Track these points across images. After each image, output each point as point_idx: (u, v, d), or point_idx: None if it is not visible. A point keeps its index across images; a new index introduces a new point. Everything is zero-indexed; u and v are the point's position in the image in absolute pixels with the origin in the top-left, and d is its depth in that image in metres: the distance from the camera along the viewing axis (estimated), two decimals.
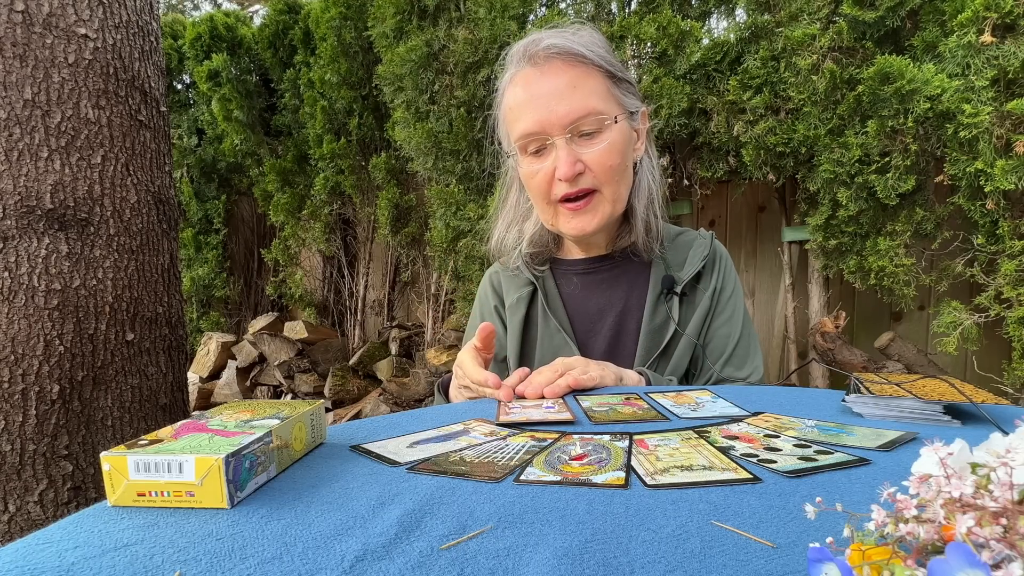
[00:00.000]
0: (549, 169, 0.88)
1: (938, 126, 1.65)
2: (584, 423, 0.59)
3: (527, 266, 1.02)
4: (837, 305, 2.12)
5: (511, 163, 1.01)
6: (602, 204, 0.90)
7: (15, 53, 1.39)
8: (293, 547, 0.34)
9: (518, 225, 1.04)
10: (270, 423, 0.47)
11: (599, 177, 0.88)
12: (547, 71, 0.86)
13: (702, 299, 0.96)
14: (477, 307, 1.13)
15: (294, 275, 3.79)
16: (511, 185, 1.05)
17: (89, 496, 1.51)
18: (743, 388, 0.75)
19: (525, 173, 0.92)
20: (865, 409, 0.58)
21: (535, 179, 0.90)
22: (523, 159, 0.92)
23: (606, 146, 0.87)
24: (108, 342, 1.54)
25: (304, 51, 3.36)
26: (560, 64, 0.86)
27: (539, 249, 1.03)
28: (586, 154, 0.87)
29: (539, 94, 0.86)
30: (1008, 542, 0.19)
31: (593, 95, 0.86)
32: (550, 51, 0.87)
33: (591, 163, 0.87)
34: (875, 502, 0.24)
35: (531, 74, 0.88)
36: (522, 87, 0.88)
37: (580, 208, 0.90)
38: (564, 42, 0.88)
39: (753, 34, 1.90)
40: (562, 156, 0.86)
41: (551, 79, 0.86)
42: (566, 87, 0.85)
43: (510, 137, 0.93)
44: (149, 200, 1.66)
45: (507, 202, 1.06)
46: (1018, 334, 1.65)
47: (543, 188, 0.90)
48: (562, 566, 0.30)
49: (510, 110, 0.91)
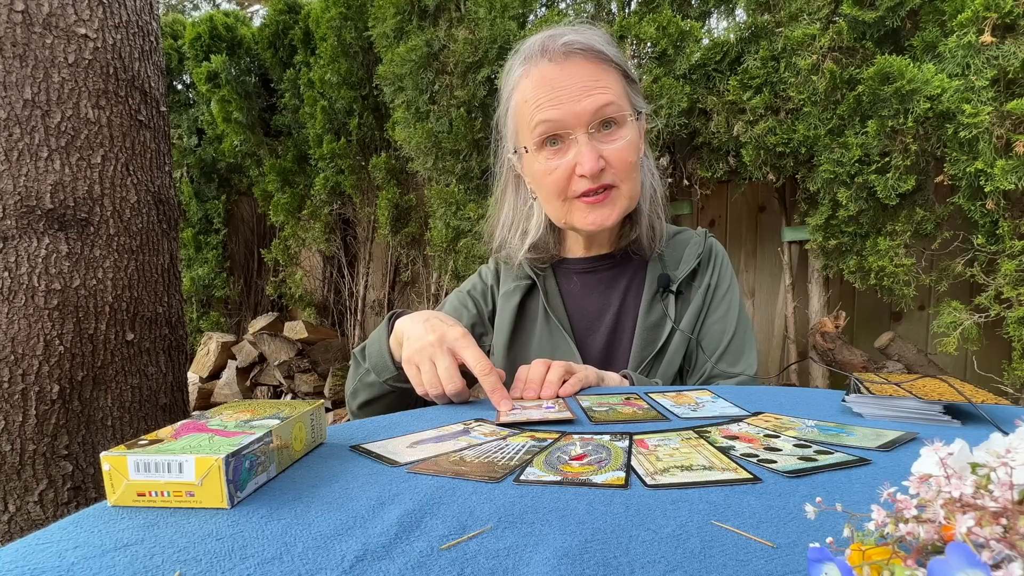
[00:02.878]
0: (569, 165, 0.87)
1: (938, 126, 1.65)
2: (584, 423, 0.59)
3: (529, 264, 1.02)
4: (837, 305, 2.12)
5: (511, 161, 0.99)
6: (620, 199, 0.90)
7: (15, 53, 1.39)
8: (293, 547, 0.34)
9: (520, 227, 1.02)
10: (270, 423, 0.47)
11: (619, 173, 0.88)
12: (567, 67, 0.85)
13: (696, 296, 0.96)
14: (469, 281, 1.11)
15: (294, 275, 3.79)
16: (507, 185, 1.04)
17: (89, 496, 1.51)
18: (743, 388, 0.75)
19: (540, 170, 0.90)
20: (865, 409, 0.58)
21: (552, 176, 0.88)
22: (537, 155, 0.89)
23: (626, 143, 0.87)
24: (108, 342, 1.54)
25: (304, 51, 3.36)
26: (581, 60, 0.86)
27: (541, 254, 1.02)
28: (607, 150, 0.86)
29: (561, 88, 0.85)
30: (1008, 542, 0.19)
31: (612, 91, 0.86)
32: (571, 47, 0.86)
33: (612, 159, 0.86)
34: (875, 502, 0.24)
35: (550, 69, 0.86)
36: (540, 81, 0.86)
37: (600, 201, 0.89)
38: (584, 39, 0.87)
39: (753, 34, 1.90)
40: (585, 151, 0.85)
41: (573, 74, 0.85)
42: (589, 82, 0.85)
43: (523, 131, 0.91)
44: (149, 200, 1.66)
45: (504, 203, 1.05)
46: (1018, 334, 1.65)
47: (560, 185, 0.88)
48: (562, 566, 0.30)
49: (525, 103, 0.88)
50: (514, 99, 0.91)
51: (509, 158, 0.99)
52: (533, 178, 0.94)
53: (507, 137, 0.97)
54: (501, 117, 0.97)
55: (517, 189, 1.03)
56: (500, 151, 1.03)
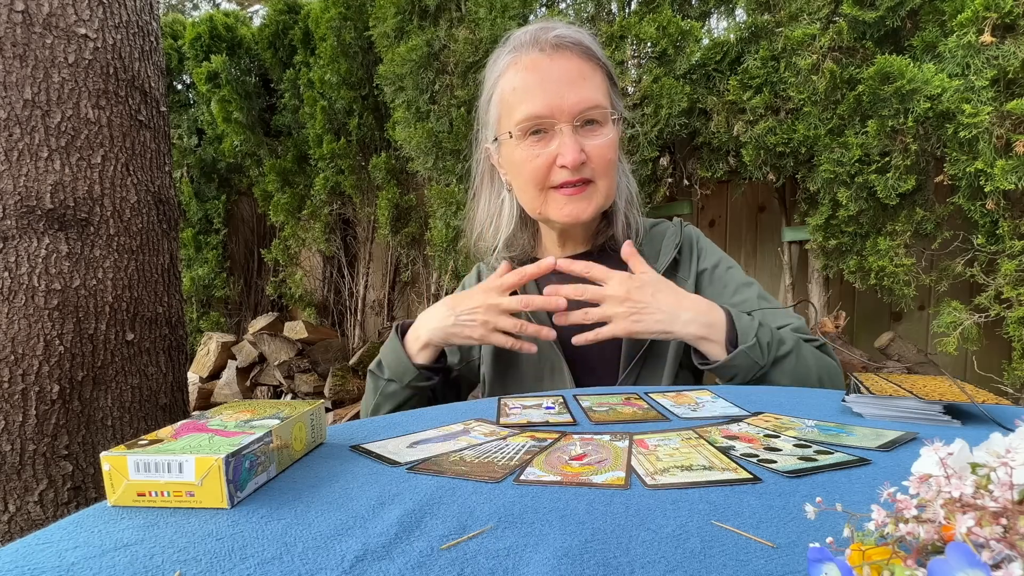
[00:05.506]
0: (551, 155, 0.87)
1: (938, 126, 1.65)
2: (584, 423, 0.59)
3: None
4: (837, 305, 2.12)
5: (488, 151, 0.98)
6: (596, 195, 0.90)
7: (15, 53, 1.39)
8: (293, 547, 0.34)
9: (493, 221, 1.02)
10: (270, 423, 0.47)
11: (598, 169, 0.88)
12: (557, 59, 0.86)
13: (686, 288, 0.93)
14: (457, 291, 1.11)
15: (294, 275, 3.79)
16: (483, 178, 1.03)
17: (89, 496, 1.51)
18: (743, 388, 0.75)
19: (521, 157, 0.89)
20: (865, 409, 0.58)
21: (533, 163, 0.88)
22: (520, 143, 0.89)
23: (607, 140, 0.88)
24: (108, 342, 1.54)
25: (304, 51, 3.36)
26: (571, 55, 0.87)
27: (515, 252, 1.01)
28: (588, 145, 0.86)
29: (550, 79, 0.85)
30: (1008, 542, 0.19)
31: (599, 91, 0.88)
32: (562, 40, 0.87)
33: (593, 154, 0.87)
34: (875, 502, 0.24)
35: (540, 59, 0.86)
36: (529, 71, 0.87)
37: (578, 194, 0.89)
38: (575, 34, 0.88)
39: (753, 34, 1.90)
40: (568, 143, 0.85)
41: (562, 66, 0.86)
42: (577, 76, 0.86)
43: (506, 119, 0.90)
44: (149, 200, 1.66)
45: (481, 197, 1.04)
46: (1018, 334, 1.65)
47: (540, 173, 0.88)
48: (562, 566, 0.30)
49: (512, 91, 0.88)
50: (500, 86, 0.91)
51: (487, 148, 0.98)
52: (512, 166, 0.93)
53: (488, 124, 0.96)
54: (483, 105, 0.97)
55: (492, 182, 1.02)
56: (479, 142, 1.02)
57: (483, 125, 0.98)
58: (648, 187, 2.13)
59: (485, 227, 1.03)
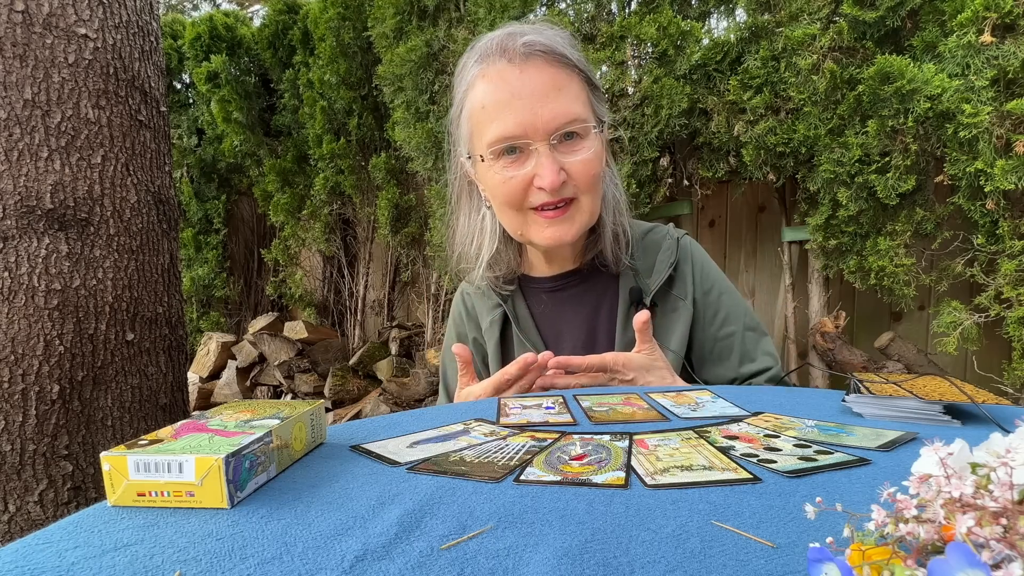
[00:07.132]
0: (527, 176, 0.80)
1: (938, 126, 1.65)
2: (584, 423, 0.59)
3: (492, 286, 0.96)
4: (837, 305, 2.12)
5: (464, 166, 0.92)
6: (580, 214, 0.84)
7: (15, 53, 1.39)
8: (293, 547, 0.34)
9: (474, 239, 0.95)
10: (270, 423, 0.46)
11: (580, 186, 0.82)
12: (527, 69, 0.78)
13: (680, 308, 0.90)
14: (452, 329, 1.06)
15: (294, 275, 3.79)
16: (460, 193, 0.96)
17: (89, 496, 1.51)
18: (743, 388, 0.75)
19: (495, 179, 0.82)
20: (865, 409, 0.58)
21: (507, 185, 0.81)
22: (493, 164, 0.82)
23: (590, 154, 0.81)
24: (108, 342, 1.54)
25: (303, 51, 3.36)
26: (542, 63, 0.79)
27: (500, 272, 0.95)
28: (568, 162, 0.80)
29: (520, 94, 0.77)
30: (1008, 542, 0.19)
31: (576, 101, 0.80)
32: (531, 47, 0.79)
33: (574, 172, 0.80)
34: (875, 502, 0.24)
35: (508, 71, 0.79)
36: (498, 84, 0.79)
37: (559, 216, 0.82)
38: (546, 39, 0.80)
39: (753, 34, 1.90)
40: (546, 164, 0.78)
41: (533, 78, 0.78)
42: (551, 88, 0.78)
43: (477, 138, 0.83)
44: (149, 200, 1.66)
45: (460, 212, 0.97)
46: (1018, 334, 1.65)
47: (517, 195, 0.82)
48: (562, 566, 0.30)
49: (482, 109, 0.81)
50: (468, 100, 0.84)
51: (462, 162, 0.92)
52: (488, 188, 0.87)
53: (460, 140, 0.89)
54: (454, 119, 0.89)
55: (471, 196, 0.96)
56: (453, 156, 0.95)
57: (455, 141, 0.91)
58: (648, 187, 2.13)
59: (466, 246, 0.96)
